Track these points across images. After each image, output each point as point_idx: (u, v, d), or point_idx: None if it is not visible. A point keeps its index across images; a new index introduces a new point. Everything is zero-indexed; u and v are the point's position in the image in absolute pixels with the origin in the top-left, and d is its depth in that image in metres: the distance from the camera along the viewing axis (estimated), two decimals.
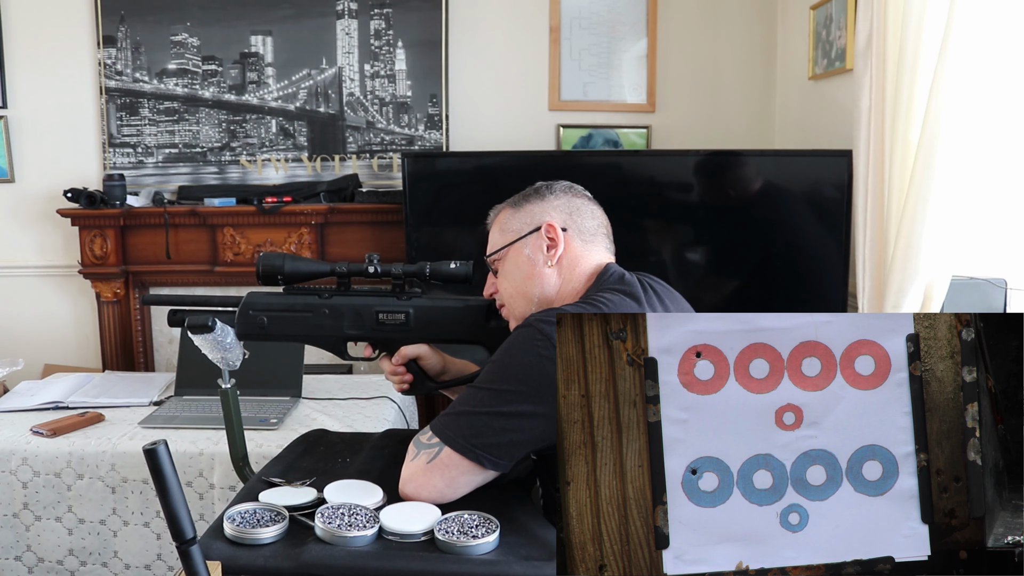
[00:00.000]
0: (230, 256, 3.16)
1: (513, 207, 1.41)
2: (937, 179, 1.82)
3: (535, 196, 1.40)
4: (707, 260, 2.78)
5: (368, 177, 3.26)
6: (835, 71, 2.68)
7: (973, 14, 1.74)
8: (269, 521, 1.14)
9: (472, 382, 1.24)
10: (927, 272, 1.89)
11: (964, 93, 1.77)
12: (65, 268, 3.30)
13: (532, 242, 1.36)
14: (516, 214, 1.39)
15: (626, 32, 3.23)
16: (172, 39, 3.20)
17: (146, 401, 2.58)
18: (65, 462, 2.24)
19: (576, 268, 1.35)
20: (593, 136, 3.25)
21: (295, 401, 2.58)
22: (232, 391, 1.63)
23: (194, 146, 3.26)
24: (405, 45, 3.21)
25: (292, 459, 1.43)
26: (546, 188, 1.41)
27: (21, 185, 3.29)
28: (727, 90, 3.26)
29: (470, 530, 1.10)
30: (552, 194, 1.39)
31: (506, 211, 1.42)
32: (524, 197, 1.41)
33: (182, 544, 0.87)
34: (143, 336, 3.28)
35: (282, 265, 1.43)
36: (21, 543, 2.26)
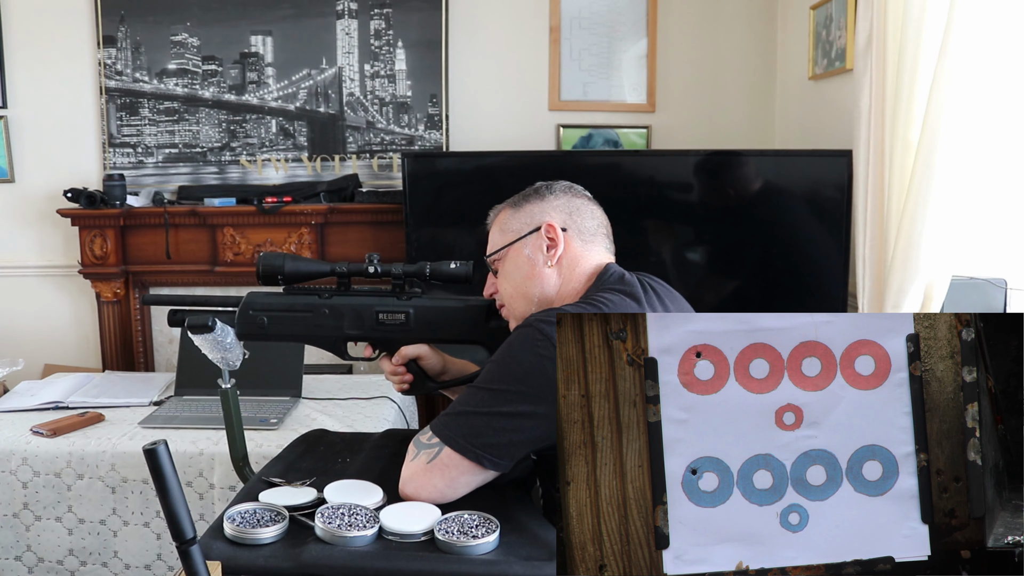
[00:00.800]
0: (230, 256, 3.16)
1: (513, 207, 1.41)
2: (937, 179, 1.82)
3: (535, 196, 1.40)
4: (707, 260, 2.78)
5: (368, 177, 3.26)
6: (835, 71, 2.68)
7: (973, 14, 1.74)
8: (269, 521, 1.14)
9: (472, 382, 1.24)
10: (927, 272, 1.89)
11: (964, 93, 1.77)
12: (65, 268, 3.30)
13: (532, 242, 1.36)
14: (516, 214, 1.39)
15: (626, 32, 3.23)
16: (172, 39, 3.20)
17: (146, 401, 2.58)
18: (65, 462, 2.24)
19: (576, 268, 1.35)
20: (593, 136, 3.25)
21: (295, 401, 2.58)
22: (232, 391, 1.63)
23: (194, 146, 3.26)
24: (405, 45, 3.21)
25: (292, 459, 1.43)
26: (546, 188, 1.40)
27: (21, 185, 3.29)
28: (727, 90, 3.26)
29: (470, 530, 1.10)
30: (552, 194, 1.39)
31: (506, 211, 1.41)
32: (524, 197, 1.41)
33: (182, 544, 0.87)
34: (143, 336, 3.28)
35: (282, 265, 1.43)
36: (21, 543, 2.26)
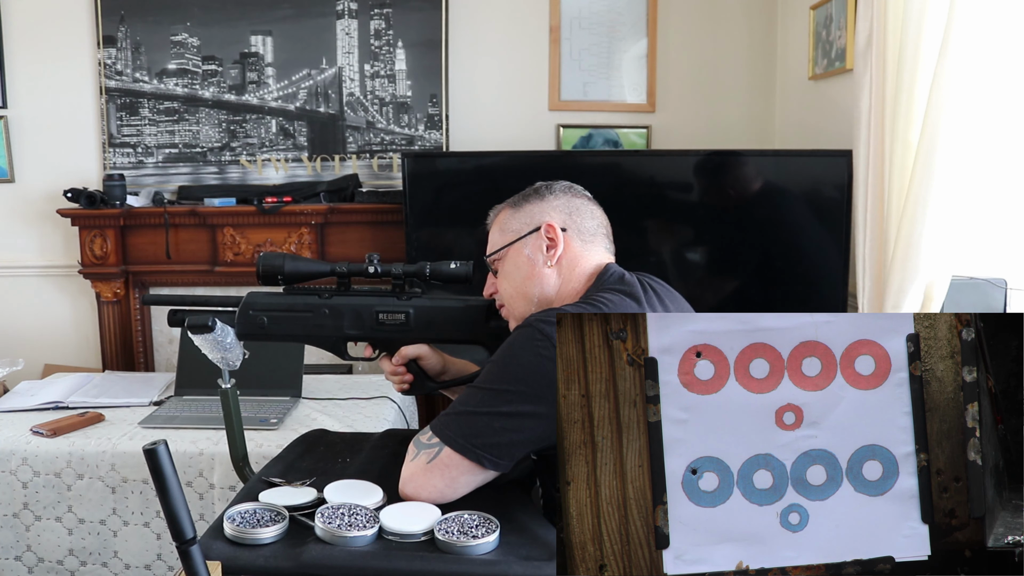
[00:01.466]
0: (230, 256, 3.16)
1: (513, 207, 1.41)
2: (937, 179, 1.82)
3: (535, 196, 1.40)
4: (707, 260, 2.78)
5: (368, 177, 3.26)
6: (835, 71, 2.68)
7: (973, 14, 1.74)
8: (269, 521, 1.14)
9: (472, 382, 1.24)
10: (927, 272, 1.89)
11: (964, 93, 1.77)
12: (65, 268, 3.30)
13: (532, 242, 1.36)
14: (516, 214, 1.39)
15: (626, 32, 3.23)
16: (172, 39, 3.20)
17: (146, 401, 2.58)
18: (65, 462, 2.24)
19: (576, 268, 1.35)
20: (593, 136, 3.25)
21: (295, 401, 2.58)
22: (232, 391, 1.63)
23: (194, 146, 3.26)
24: (405, 45, 3.20)
25: (292, 459, 1.43)
26: (546, 188, 1.40)
27: (21, 185, 3.29)
28: (727, 90, 3.26)
29: (470, 530, 1.10)
30: (552, 194, 1.39)
31: (506, 211, 1.41)
32: (524, 197, 1.41)
33: (182, 544, 0.87)
34: (143, 336, 3.28)
35: (282, 265, 1.42)
36: (21, 543, 2.26)
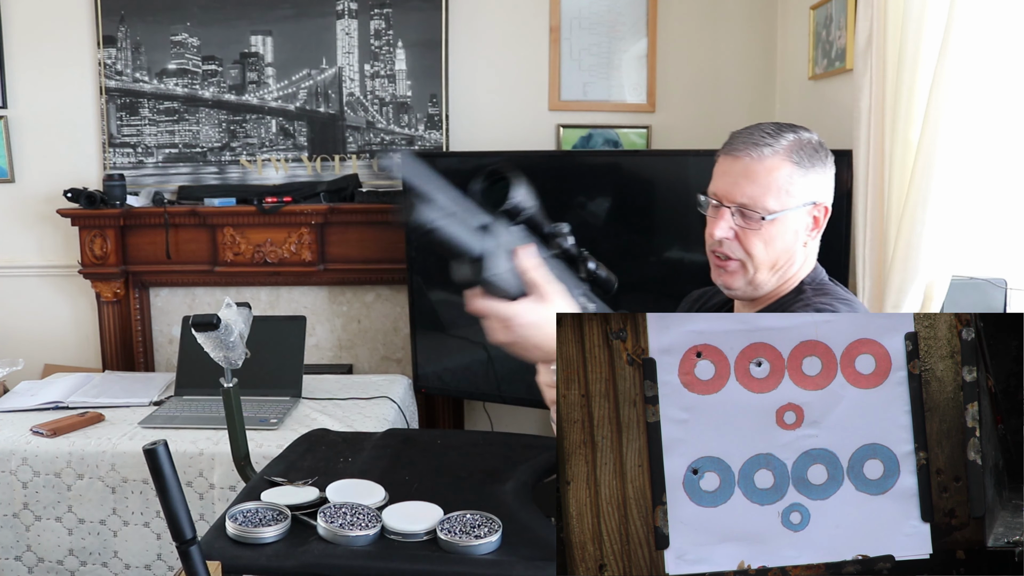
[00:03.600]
0: (230, 256, 3.16)
1: (798, 165, 1.24)
2: (937, 179, 1.82)
3: (819, 163, 1.25)
4: (707, 260, 2.77)
5: (368, 177, 3.26)
6: (835, 71, 2.68)
7: (973, 14, 1.74)
8: (271, 520, 1.14)
9: None
10: (927, 272, 1.89)
11: (964, 93, 1.77)
12: (65, 268, 3.30)
13: (803, 215, 1.25)
14: (804, 176, 1.24)
15: (626, 32, 3.23)
16: (172, 39, 3.20)
17: (146, 401, 2.58)
18: (65, 462, 2.24)
19: (809, 258, 1.27)
20: (593, 136, 3.25)
21: (295, 401, 2.58)
22: (234, 390, 1.64)
23: (194, 146, 3.26)
24: (405, 45, 3.20)
25: (294, 458, 1.44)
26: (826, 154, 1.26)
27: (21, 185, 3.29)
28: (727, 90, 3.26)
29: (472, 530, 1.10)
30: (831, 164, 1.26)
31: (789, 166, 1.24)
32: (810, 157, 1.25)
33: (182, 544, 0.87)
34: (143, 336, 3.29)
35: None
36: (21, 543, 2.26)
